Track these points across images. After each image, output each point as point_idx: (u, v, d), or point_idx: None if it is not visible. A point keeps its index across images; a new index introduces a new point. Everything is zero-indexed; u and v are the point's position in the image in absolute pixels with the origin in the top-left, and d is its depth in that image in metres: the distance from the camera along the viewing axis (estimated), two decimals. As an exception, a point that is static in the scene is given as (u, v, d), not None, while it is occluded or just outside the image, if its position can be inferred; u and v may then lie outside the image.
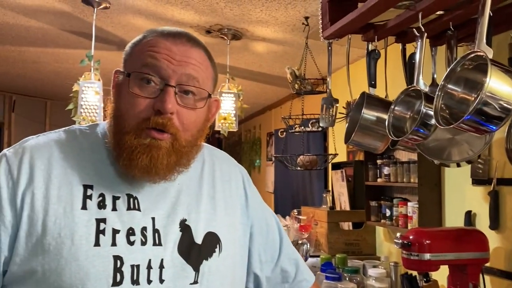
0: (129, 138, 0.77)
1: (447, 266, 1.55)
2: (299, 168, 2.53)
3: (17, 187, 0.75)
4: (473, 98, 1.10)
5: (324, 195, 3.05)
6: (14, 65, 3.77)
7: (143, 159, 0.76)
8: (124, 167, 0.78)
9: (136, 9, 2.36)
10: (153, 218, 0.79)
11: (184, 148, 0.80)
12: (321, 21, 1.59)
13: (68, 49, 3.17)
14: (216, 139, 7.03)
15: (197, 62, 0.81)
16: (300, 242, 2.38)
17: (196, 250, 0.80)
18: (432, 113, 1.17)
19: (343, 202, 2.98)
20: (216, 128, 2.74)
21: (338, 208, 3.01)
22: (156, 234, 0.78)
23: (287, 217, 2.93)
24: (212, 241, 0.83)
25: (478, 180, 1.82)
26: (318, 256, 2.42)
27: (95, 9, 2.30)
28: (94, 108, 2.36)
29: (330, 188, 3.23)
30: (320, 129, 2.53)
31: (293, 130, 2.57)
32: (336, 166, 3.07)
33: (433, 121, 1.20)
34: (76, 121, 2.36)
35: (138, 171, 0.77)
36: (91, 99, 2.37)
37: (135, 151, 0.77)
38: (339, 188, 3.04)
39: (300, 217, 2.71)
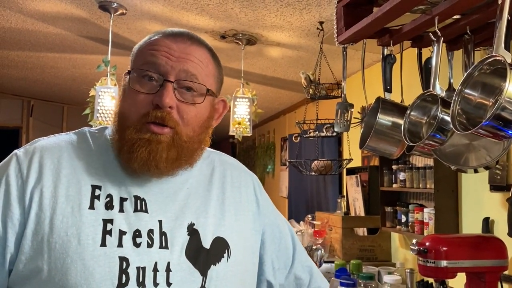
0: (130, 132, 0.79)
1: (464, 273, 1.52)
2: (313, 173, 2.52)
3: (26, 185, 0.76)
4: (491, 103, 1.08)
5: (339, 201, 3.03)
6: (33, 71, 3.85)
7: (142, 152, 0.77)
8: (124, 161, 0.79)
9: (152, 15, 2.38)
10: (160, 221, 0.79)
11: (185, 143, 0.81)
12: (336, 26, 1.59)
13: (85, 54, 3.23)
14: (230, 144, 7.05)
15: (196, 59, 0.82)
16: (314, 247, 2.37)
17: (203, 254, 0.80)
18: (448, 118, 1.15)
19: (358, 207, 2.95)
20: (230, 133, 2.74)
21: (352, 214, 2.99)
22: (163, 237, 0.78)
23: (301, 222, 2.92)
24: (220, 246, 0.83)
25: (496, 186, 1.79)
26: (332, 262, 2.40)
27: (112, 15, 2.33)
28: (110, 113, 2.39)
29: (344, 194, 3.21)
30: (334, 134, 2.52)
31: (308, 135, 2.57)
32: (351, 171, 3.05)
33: (450, 127, 1.18)
34: (92, 125, 2.40)
35: (137, 165, 0.78)
36: (108, 104, 2.40)
37: (135, 144, 0.78)
38: (353, 194, 3.02)
39: (314, 222, 2.69)
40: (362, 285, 2.06)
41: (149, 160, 0.77)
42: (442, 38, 1.30)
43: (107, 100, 2.40)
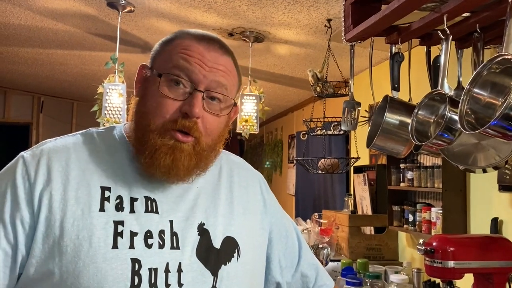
0: (153, 136, 0.78)
1: (471, 274, 1.51)
2: (320, 171, 2.51)
3: (34, 188, 0.75)
4: (500, 103, 1.07)
5: (346, 199, 3.02)
6: (43, 67, 3.88)
7: (166, 159, 0.77)
8: (145, 165, 0.79)
9: (160, 13, 2.39)
10: (171, 221, 0.79)
11: (204, 152, 0.81)
12: (343, 24, 1.57)
13: (94, 51, 3.24)
14: (237, 141, 7.05)
15: (227, 69, 0.83)
16: (320, 246, 2.36)
17: (214, 254, 0.80)
18: (457, 117, 1.14)
19: (365, 206, 2.94)
20: (237, 130, 2.74)
21: (359, 212, 2.97)
22: (174, 238, 0.78)
23: (308, 221, 2.91)
24: (230, 246, 0.83)
25: (505, 186, 1.77)
26: (338, 261, 2.39)
27: (120, 12, 2.34)
28: (118, 109, 2.41)
29: (352, 192, 3.19)
30: (342, 132, 2.50)
31: (315, 133, 2.56)
32: (358, 170, 3.04)
33: (458, 126, 1.16)
34: (100, 122, 2.41)
35: (159, 171, 0.78)
36: (115, 101, 2.41)
37: (158, 150, 0.77)
38: (361, 192, 3.00)
39: (321, 220, 2.69)
40: (368, 284, 2.05)
41: (171, 168, 0.78)
42: (451, 36, 1.28)
43: (114, 97, 2.41)
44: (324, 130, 2.53)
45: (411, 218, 2.27)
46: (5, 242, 0.73)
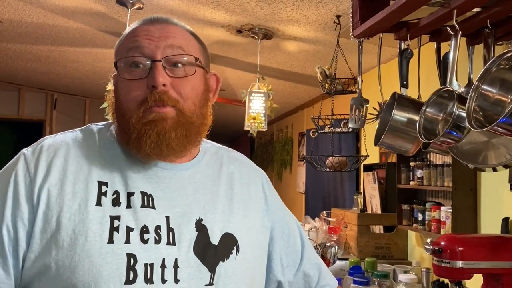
0: (133, 121, 0.78)
1: (481, 274, 1.48)
2: (328, 169, 2.50)
3: (34, 184, 0.75)
4: (509, 100, 1.04)
5: (355, 197, 3.00)
6: (55, 64, 3.92)
7: (151, 135, 0.77)
8: (135, 149, 0.79)
9: (169, 9, 2.39)
10: (167, 217, 0.78)
11: (190, 119, 0.80)
12: (351, 19, 1.56)
13: (105, 48, 3.27)
14: (248, 139, 7.05)
15: (177, 34, 0.83)
16: (328, 244, 2.35)
17: (212, 250, 0.79)
18: (465, 115, 1.11)
19: (375, 204, 2.91)
20: (245, 128, 2.73)
21: (369, 211, 2.95)
22: (170, 233, 0.77)
23: (317, 219, 2.90)
24: (229, 242, 0.82)
25: (517, 185, 1.74)
26: (346, 259, 2.37)
27: (129, 9, 2.35)
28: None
29: (361, 190, 3.17)
30: (350, 129, 2.48)
31: (323, 131, 2.54)
32: (368, 168, 3.01)
33: (466, 124, 1.14)
34: (109, 119, 2.42)
35: (149, 148, 0.77)
36: (124, 98, 2.42)
37: (142, 129, 0.77)
38: (370, 191, 2.98)
39: (329, 219, 2.67)
40: (376, 284, 2.03)
41: (159, 141, 0.77)
42: (460, 32, 1.25)
43: (124, 94, 2.42)
44: (332, 128, 2.51)
45: (420, 217, 2.25)
46: (7, 241, 0.73)
